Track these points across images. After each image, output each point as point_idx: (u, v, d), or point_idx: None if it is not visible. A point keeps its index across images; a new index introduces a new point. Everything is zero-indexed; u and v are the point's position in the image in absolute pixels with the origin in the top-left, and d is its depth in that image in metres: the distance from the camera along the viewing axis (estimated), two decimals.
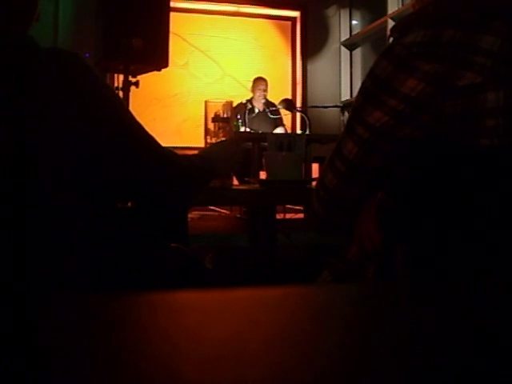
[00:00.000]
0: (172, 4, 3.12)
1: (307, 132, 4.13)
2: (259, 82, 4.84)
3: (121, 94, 2.89)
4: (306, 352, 0.27)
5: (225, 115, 1.37)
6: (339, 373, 0.25)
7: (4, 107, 0.80)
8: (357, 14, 6.51)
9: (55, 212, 0.83)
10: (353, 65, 6.43)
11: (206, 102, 1.39)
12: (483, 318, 0.33)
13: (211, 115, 1.37)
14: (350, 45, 6.42)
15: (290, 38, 6.44)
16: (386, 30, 5.27)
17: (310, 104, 5.75)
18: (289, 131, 4.76)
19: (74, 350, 0.27)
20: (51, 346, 0.28)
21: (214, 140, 1.36)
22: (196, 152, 1.24)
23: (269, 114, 4.51)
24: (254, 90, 4.86)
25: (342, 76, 6.41)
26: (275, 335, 0.29)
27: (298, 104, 6.06)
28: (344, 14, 6.46)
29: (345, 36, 6.43)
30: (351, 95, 6.25)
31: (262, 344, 0.28)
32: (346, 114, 5.68)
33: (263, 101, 4.70)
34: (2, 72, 0.82)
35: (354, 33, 6.37)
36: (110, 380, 0.23)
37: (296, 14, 6.37)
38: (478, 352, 0.27)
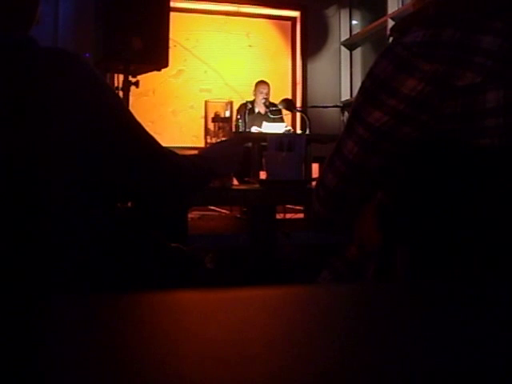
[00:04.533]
0: (172, 4, 3.12)
1: (307, 132, 4.13)
2: (261, 85, 4.83)
3: (121, 93, 2.89)
4: (305, 352, 0.27)
5: (225, 115, 1.37)
6: (339, 372, 0.25)
7: (4, 107, 0.80)
8: (357, 13, 6.51)
9: (55, 212, 0.83)
10: (353, 65, 6.43)
11: (206, 101, 1.39)
12: (483, 318, 0.33)
13: (211, 115, 1.37)
14: (350, 45, 6.42)
15: (290, 38, 6.44)
16: (385, 30, 5.27)
17: (310, 104, 5.75)
18: (290, 127, 4.75)
19: (74, 350, 0.27)
20: (51, 345, 0.28)
21: (214, 140, 1.36)
22: (196, 152, 1.24)
23: (269, 114, 4.51)
24: (255, 93, 4.85)
25: (342, 76, 6.41)
26: (275, 335, 0.29)
27: (298, 104, 6.06)
28: (344, 14, 6.46)
29: (345, 36, 6.43)
30: (351, 95, 6.25)
31: (261, 344, 0.28)
32: (346, 113, 5.68)
33: (264, 102, 4.70)
34: (2, 72, 0.82)
35: (354, 33, 6.37)
36: (110, 380, 0.23)
37: (296, 13, 6.37)
38: (478, 351, 0.27)
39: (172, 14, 3.05)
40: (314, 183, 1.32)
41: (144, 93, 5.72)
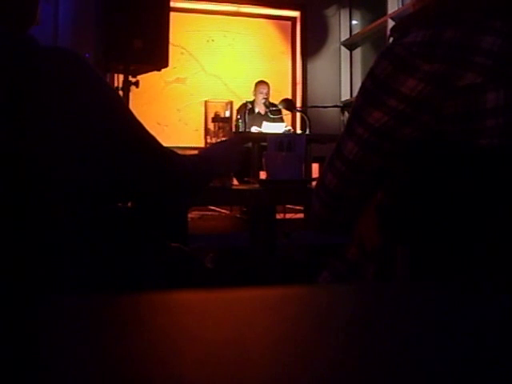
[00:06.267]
0: (172, 4, 3.12)
1: (307, 132, 4.13)
2: (261, 85, 4.83)
3: (121, 93, 2.89)
4: (305, 352, 0.27)
5: (225, 115, 1.37)
6: (339, 373, 0.25)
7: (3, 106, 0.80)
8: (357, 14, 6.51)
9: (54, 212, 0.83)
10: (353, 65, 6.43)
11: (205, 101, 1.39)
12: (483, 318, 0.33)
13: (211, 115, 1.37)
14: (350, 45, 6.42)
15: (290, 38, 6.44)
16: (385, 30, 5.27)
17: (310, 104, 5.75)
18: (290, 127, 4.76)
19: (74, 350, 0.27)
20: (51, 345, 0.28)
21: (214, 140, 1.36)
22: (196, 152, 1.24)
23: (269, 114, 4.51)
24: (255, 93, 4.85)
25: (342, 76, 6.41)
26: (275, 335, 0.29)
27: (298, 104, 6.06)
28: (344, 14, 6.46)
29: (345, 36, 6.43)
30: (351, 95, 6.25)
31: (261, 344, 0.28)
32: (346, 114, 5.68)
33: (264, 101, 4.70)
34: (2, 71, 0.81)
35: (354, 33, 6.37)
36: (109, 380, 0.23)
37: (296, 14, 6.37)
38: (478, 351, 0.27)
39: (172, 14, 3.05)
40: (314, 183, 1.32)
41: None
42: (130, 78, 2.96)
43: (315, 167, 4.04)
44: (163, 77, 5.62)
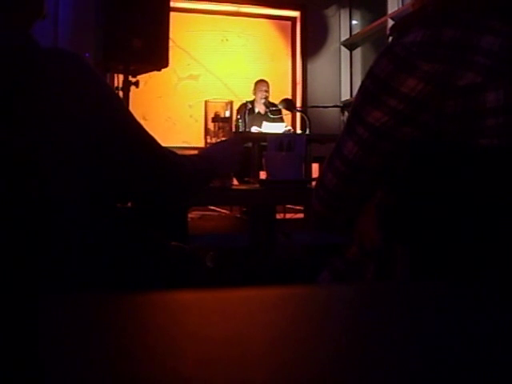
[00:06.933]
0: (172, 4, 3.12)
1: (307, 132, 4.13)
2: (261, 84, 4.84)
3: (121, 93, 2.89)
4: (305, 352, 0.27)
5: (225, 115, 1.37)
6: (339, 373, 0.25)
7: (3, 106, 0.80)
8: (357, 14, 6.51)
9: (54, 212, 0.83)
10: (353, 65, 6.43)
11: (205, 101, 1.39)
12: (483, 318, 0.33)
13: (211, 115, 1.37)
14: (350, 45, 6.42)
15: (290, 38, 6.44)
16: (385, 30, 5.27)
17: (310, 104, 5.75)
18: (290, 127, 4.76)
19: (74, 350, 0.27)
20: (51, 345, 0.28)
21: (214, 140, 1.36)
22: (196, 152, 1.24)
23: (269, 114, 4.51)
24: (255, 92, 4.86)
25: (342, 76, 6.41)
26: (275, 335, 0.29)
27: (298, 104, 6.06)
28: (344, 14, 6.46)
29: (345, 36, 6.43)
30: (351, 95, 6.25)
31: (261, 344, 0.28)
32: (346, 113, 5.68)
33: (264, 101, 4.70)
34: (2, 71, 0.81)
35: (354, 33, 6.37)
36: (109, 380, 0.23)
37: (296, 14, 6.37)
38: (477, 352, 0.27)
39: (172, 14, 3.05)
40: (313, 183, 1.32)
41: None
42: (130, 78, 2.96)
43: (315, 167, 4.04)
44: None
